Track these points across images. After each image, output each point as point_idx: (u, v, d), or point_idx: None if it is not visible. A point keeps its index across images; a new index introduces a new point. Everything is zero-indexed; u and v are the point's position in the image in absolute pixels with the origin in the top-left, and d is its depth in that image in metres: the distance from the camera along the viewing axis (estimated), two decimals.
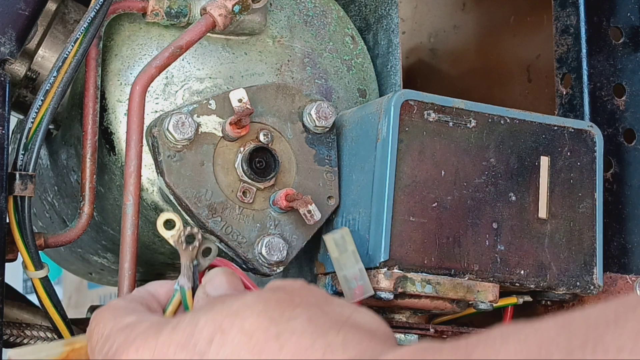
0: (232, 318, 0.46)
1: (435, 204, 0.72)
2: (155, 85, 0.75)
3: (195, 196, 0.72)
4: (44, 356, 0.58)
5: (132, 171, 0.71)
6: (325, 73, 0.82)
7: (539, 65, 0.97)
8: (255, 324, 0.45)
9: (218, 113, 0.74)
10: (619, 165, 0.84)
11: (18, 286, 1.02)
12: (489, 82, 1.03)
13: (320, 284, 0.76)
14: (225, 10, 0.73)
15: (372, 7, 0.87)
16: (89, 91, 0.74)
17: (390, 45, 0.84)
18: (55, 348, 0.59)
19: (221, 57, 0.78)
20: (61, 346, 0.59)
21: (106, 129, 0.76)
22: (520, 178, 0.75)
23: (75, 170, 0.80)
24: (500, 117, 0.75)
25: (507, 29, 1.02)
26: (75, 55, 0.69)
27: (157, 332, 0.48)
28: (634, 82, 0.86)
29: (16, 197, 0.68)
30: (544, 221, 0.75)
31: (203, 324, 0.46)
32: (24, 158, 0.69)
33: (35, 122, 0.69)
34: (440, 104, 0.73)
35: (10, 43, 0.69)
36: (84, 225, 0.73)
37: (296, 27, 0.82)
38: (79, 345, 0.59)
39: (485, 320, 0.83)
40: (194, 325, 0.47)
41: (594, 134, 0.78)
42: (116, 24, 0.77)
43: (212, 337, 0.45)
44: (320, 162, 0.76)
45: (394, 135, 0.71)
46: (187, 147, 0.72)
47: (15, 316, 0.83)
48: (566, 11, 0.86)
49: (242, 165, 0.74)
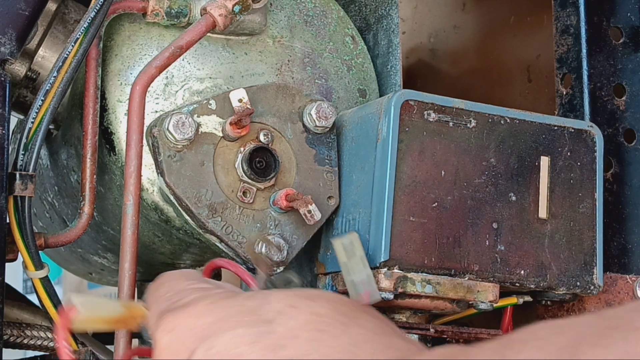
0: (305, 300, 0.47)
1: (435, 204, 0.72)
2: (156, 85, 0.75)
3: (195, 196, 0.72)
4: (103, 312, 0.58)
5: (132, 171, 0.71)
6: (325, 73, 0.82)
7: (539, 65, 0.97)
8: (325, 308, 0.46)
9: (218, 113, 0.74)
10: (619, 165, 0.84)
11: (18, 286, 1.02)
12: (489, 82, 1.03)
13: (321, 284, 0.76)
14: (225, 10, 0.73)
15: (372, 7, 0.87)
16: (89, 91, 0.74)
17: (391, 45, 0.84)
18: (114, 307, 0.59)
19: (221, 57, 0.78)
20: (120, 307, 0.60)
21: (106, 129, 0.76)
22: (520, 178, 0.75)
23: (75, 170, 0.80)
24: (500, 117, 0.75)
25: (507, 29, 1.02)
26: (75, 55, 0.70)
27: (230, 297, 0.49)
28: (634, 82, 0.86)
29: (16, 197, 0.68)
30: (544, 221, 0.75)
31: (275, 299, 0.48)
32: (24, 158, 0.69)
33: (35, 122, 0.69)
34: (440, 104, 0.73)
35: (11, 43, 0.69)
36: (84, 225, 0.73)
37: (296, 27, 0.82)
38: (138, 312, 0.60)
39: (485, 321, 0.83)
40: (266, 298, 0.48)
41: (594, 134, 0.78)
42: (116, 24, 0.77)
43: (281, 310, 0.47)
44: (320, 162, 0.76)
45: (394, 135, 0.71)
46: (187, 147, 0.72)
47: (16, 316, 0.83)
48: (566, 11, 0.86)
49: (242, 165, 0.74)
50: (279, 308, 0.47)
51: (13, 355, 1.04)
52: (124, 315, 0.60)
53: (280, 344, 0.45)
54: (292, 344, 0.45)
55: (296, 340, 0.45)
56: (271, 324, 0.46)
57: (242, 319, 0.47)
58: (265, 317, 0.47)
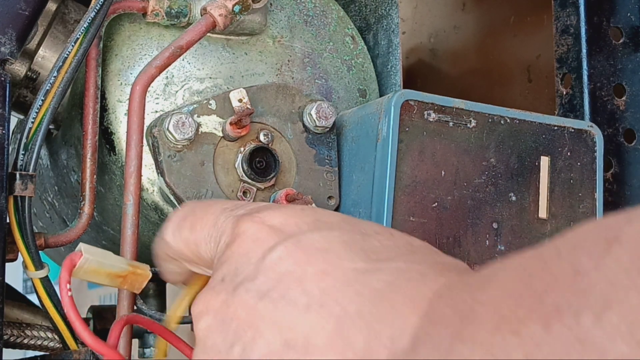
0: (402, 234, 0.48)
1: (435, 204, 0.72)
2: (156, 85, 0.75)
3: (195, 196, 0.72)
4: (108, 265, 0.59)
5: (132, 171, 0.71)
6: (325, 73, 0.82)
7: (539, 65, 0.97)
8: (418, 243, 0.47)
9: (218, 113, 0.74)
10: (619, 165, 0.84)
11: (18, 286, 1.02)
12: (489, 82, 1.03)
13: None
14: (225, 10, 0.73)
15: (372, 7, 0.87)
16: (89, 91, 0.74)
17: (391, 45, 0.84)
18: (120, 263, 0.60)
19: (221, 57, 0.78)
20: (126, 264, 0.60)
21: (106, 129, 0.76)
22: (520, 178, 0.75)
23: (75, 170, 0.80)
24: (500, 117, 0.75)
25: (507, 29, 1.02)
26: (75, 55, 0.69)
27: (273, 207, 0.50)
28: (634, 82, 0.86)
29: (16, 197, 0.68)
30: (544, 221, 0.75)
31: (374, 224, 0.48)
32: (24, 158, 0.69)
33: (35, 122, 0.69)
34: (440, 104, 0.73)
35: (11, 43, 0.69)
36: (84, 225, 0.73)
37: (296, 27, 0.82)
38: (140, 271, 0.60)
39: None
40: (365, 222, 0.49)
41: (594, 134, 0.78)
42: (116, 24, 0.77)
43: (379, 231, 0.47)
44: (320, 162, 0.76)
45: (394, 135, 0.71)
46: (187, 147, 0.72)
47: (16, 316, 0.83)
48: (566, 11, 0.86)
49: (242, 165, 0.74)
50: (378, 229, 0.47)
51: (13, 355, 1.04)
52: (127, 272, 0.60)
53: (375, 252, 0.45)
54: (387, 256, 0.44)
55: (391, 256, 0.44)
56: (369, 237, 0.46)
57: (342, 227, 0.47)
58: (364, 231, 0.47)
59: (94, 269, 0.58)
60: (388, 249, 0.46)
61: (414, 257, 0.45)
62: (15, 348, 0.82)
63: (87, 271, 0.58)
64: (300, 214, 0.48)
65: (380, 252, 0.45)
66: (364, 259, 0.44)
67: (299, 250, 0.45)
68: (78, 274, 0.57)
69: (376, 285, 0.43)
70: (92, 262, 0.58)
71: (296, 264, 0.45)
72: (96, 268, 0.58)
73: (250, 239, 0.47)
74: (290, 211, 0.49)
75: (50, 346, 0.82)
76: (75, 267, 0.57)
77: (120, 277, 0.60)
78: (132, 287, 0.62)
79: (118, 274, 0.60)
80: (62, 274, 0.56)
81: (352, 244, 0.45)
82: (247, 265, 0.46)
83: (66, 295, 0.55)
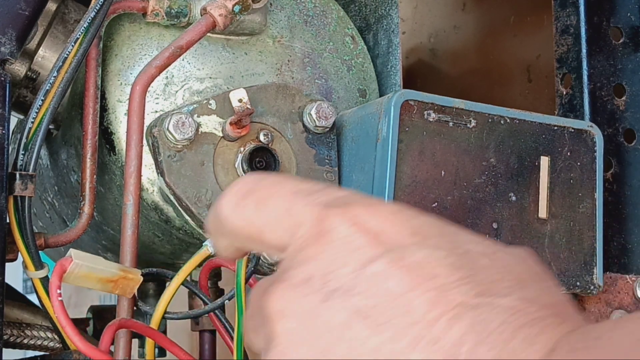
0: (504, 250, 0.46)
1: (435, 204, 0.72)
2: (156, 85, 0.75)
3: (195, 196, 0.72)
4: (99, 270, 0.59)
5: (132, 171, 0.71)
6: (325, 73, 0.82)
7: (539, 65, 0.97)
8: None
9: (218, 113, 0.74)
10: (619, 165, 0.84)
11: (18, 286, 1.02)
12: (489, 82, 1.03)
13: None
14: (225, 10, 0.73)
15: (372, 7, 0.87)
16: (89, 91, 0.74)
17: (391, 45, 0.84)
18: (111, 268, 0.60)
19: (221, 57, 0.78)
20: (117, 269, 0.61)
21: (106, 129, 0.76)
22: (520, 178, 0.75)
23: (75, 170, 0.80)
24: (500, 117, 0.75)
25: (507, 29, 1.02)
26: (75, 55, 0.69)
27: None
28: (634, 82, 0.86)
29: (16, 197, 0.68)
30: (544, 221, 0.75)
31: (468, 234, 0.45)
32: (24, 158, 0.69)
33: (35, 122, 0.69)
34: (440, 104, 0.73)
35: (11, 43, 0.69)
36: (84, 225, 0.73)
37: (296, 27, 0.82)
38: (132, 276, 0.60)
39: None
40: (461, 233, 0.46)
41: (594, 134, 0.78)
42: (116, 24, 0.77)
43: (475, 240, 0.44)
44: (320, 162, 0.76)
45: (394, 135, 0.71)
46: (187, 147, 0.72)
47: (16, 316, 0.83)
48: (566, 11, 0.86)
49: (242, 165, 0.74)
50: (481, 249, 0.42)
51: (13, 355, 1.04)
52: (118, 277, 0.60)
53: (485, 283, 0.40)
54: (498, 291, 0.40)
55: (502, 291, 0.40)
56: (474, 260, 0.42)
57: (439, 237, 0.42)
58: (467, 248, 0.42)
59: (84, 274, 0.58)
60: (496, 277, 0.42)
61: (526, 292, 0.41)
62: (15, 348, 0.82)
63: (77, 276, 0.58)
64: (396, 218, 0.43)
65: (490, 284, 0.41)
66: (474, 292, 0.40)
67: (403, 270, 0.41)
68: (69, 279, 0.58)
69: (490, 327, 0.39)
70: (82, 268, 0.58)
71: (399, 286, 0.40)
72: (87, 273, 0.58)
73: (343, 242, 0.42)
74: (384, 211, 0.43)
75: (50, 346, 0.82)
76: (66, 273, 0.57)
77: (111, 281, 0.60)
78: (123, 292, 0.62)
79: (109, 279, 0.60)
80: (52, 280, 0.56)
81: (460, 269, 0.41)
82: (342, 274, 0.41)
83: (56, 300, 0.55)
